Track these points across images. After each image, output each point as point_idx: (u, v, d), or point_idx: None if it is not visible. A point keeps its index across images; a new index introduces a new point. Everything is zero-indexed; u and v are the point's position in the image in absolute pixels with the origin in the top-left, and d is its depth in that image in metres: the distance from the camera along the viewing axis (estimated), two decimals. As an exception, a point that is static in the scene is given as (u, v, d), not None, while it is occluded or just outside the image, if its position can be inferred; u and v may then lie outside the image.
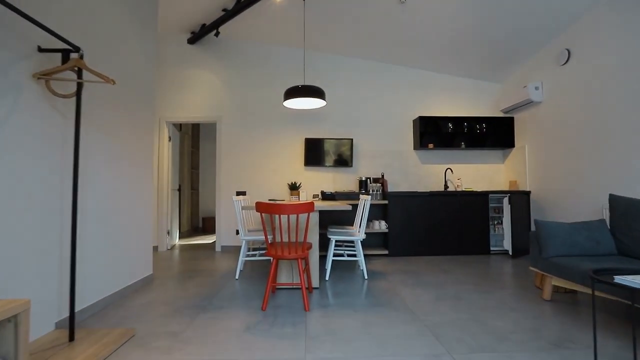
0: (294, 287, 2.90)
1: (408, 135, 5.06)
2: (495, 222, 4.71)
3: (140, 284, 2.94)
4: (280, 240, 2.94)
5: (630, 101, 3.10)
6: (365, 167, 4.99)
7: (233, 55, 4.93)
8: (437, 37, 4.22)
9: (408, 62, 4.94)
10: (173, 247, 5.11)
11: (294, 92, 3.42)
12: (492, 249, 4.50)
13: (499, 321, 2.16)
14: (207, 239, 5.94)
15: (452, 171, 4.91)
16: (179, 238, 6.00)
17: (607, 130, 3.35)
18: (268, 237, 3.30)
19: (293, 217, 2.95)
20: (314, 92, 3.40)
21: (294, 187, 4.70)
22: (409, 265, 3.82)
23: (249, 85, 4.92)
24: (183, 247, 5.08)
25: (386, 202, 4.46)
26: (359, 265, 3.81)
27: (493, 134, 4.95)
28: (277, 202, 3.77)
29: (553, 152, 4.08)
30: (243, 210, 3.58)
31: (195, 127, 7.25)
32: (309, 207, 2.36)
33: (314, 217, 2.95)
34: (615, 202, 2.60)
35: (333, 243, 3.28)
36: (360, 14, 3.95)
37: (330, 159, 4.83)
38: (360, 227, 3.44)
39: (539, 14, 3.64)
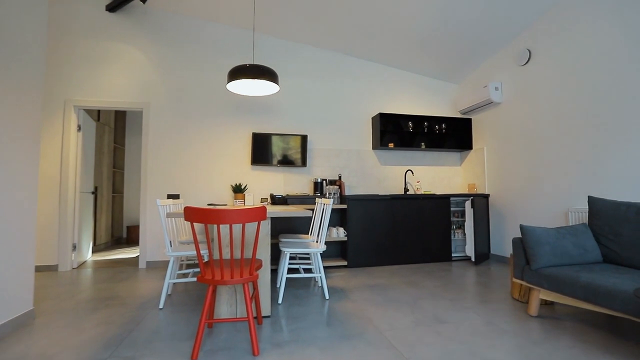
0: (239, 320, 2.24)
1: (367, 134, 4.68)
2: (455, 227, 4.52)
3: (9, 327, 2.03)
4: (219, 259, 2.26)
5: (592, 102, 3.03)
6: (320, 167, 4.48)
7: (166, 30, 4.09)
8: (399, 32, 3.90)
9: (369, 55, 4.57)
10: (82, 265, 4.05)
11: (240, 72, 2.77)
12: (453, 255, 4.28)
13: (497, 351, 1.76)
14: (130, 253, 4.91)
15: (412, 173, 4.63)
16: (93, 253, 4.87)
17: (568, 132, 3.26)
18: (202, 254, 2.58)
19: (238, 227, 2.30)
20: (265, 72, 2.79)
21: (238, 190, 4.00)
22: (373, 278, 3.37)
23: (186, 68, 4.12)
24: (97, 265, 4.04)
25: (345, 206, 3.99)
26: (316, 282, 3.25)
27: (452, 135, 4.79)
28: (218, 207, 3.06)
29: (513, 154, 3.98)
30: (170, 219, 2.81)
31: (120, 118, 6.11)
32: (259, 213, 1.74)
33: (265, 227, 2.32)
34: (596, 205, 2.41)
35: (287, 257, 2.68)
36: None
37: (281, 158, 4.22)
38: (319, 237, 2.89)
39: (500, 12, 3.49)
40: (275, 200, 4.00)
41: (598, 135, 2.98)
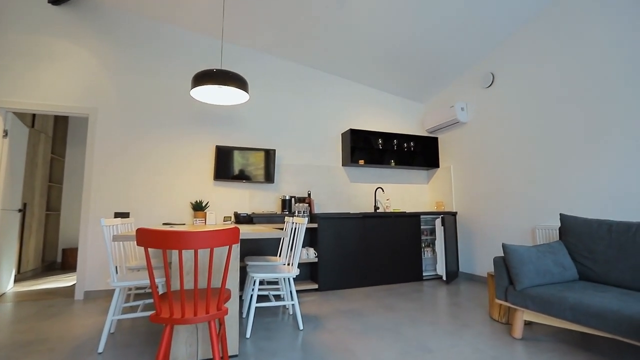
0: None
1: (337, 150, 4.56)
2: (424, 245, 4.48)
3: None
4: (180, 289, 1.91)
5: (552, 124, 3.18)
6: (288, 184, 4.25)
7: (121, 30, 3.70)
8: (370, 50, 3.90)
9: (339, 71, 4.51)
10: (0, 297, 3.36)
11: (206, 77, 2.51)
12: (424, 274, 4.21)
13: (494, 385, 1.61)
14: (65, 281, 4.22)
15: (383, 190, 4.56)
16: (15, 282, 4.11)
17: (532, 152, 3.39)
18: (157, 286, 2.20)
19: (203, 252, 1.98)
20: (234, 79, 2.56)
21: (199, 207, 3.63)
22: (347, 302, 3.15)
23: (143, 72, 3.73)
24: (20, 297, 3.37)
25: (315, 225, 3.77)
26: (287, 309, 2.95)
27: (420, 153, 4.84)
28: (175, 227, 2.69)
29: (479, 172, 4.07)
30: (117, 242, 2.39)
31: (61, 126, 5.42)
32: (231, 236, 1.47)
33: (235, 250, 2.03)
34: (568, 222, 2.45)
35: (257, 284, 2.38)
36: (292, 9, 3.32)
37: (247, 173, 3.93)
38: (291, 259, 2.63)
39: (466, 37, 3.63)
40: (240, 219, 3.68)
41: (560, 154, 3.12)
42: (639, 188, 2.50)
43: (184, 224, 3.49)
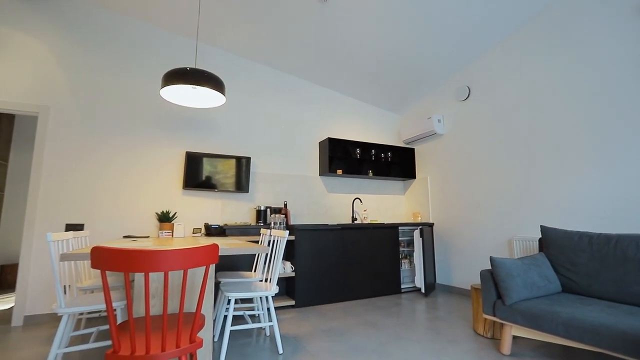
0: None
1: (314, 159, 4.42)
2: (401, 257, 4.43)
3: None
4: (145, 316, 1.66)
5: (526, 137, 3.27)
6: (263, 193, 4.04)
7: (82, 23, 3.36)
8: (349, 59, 3.84)
9: (318, 79, 4.42)
10: None
11: (178, 76, 2.29)
12: (402, 286, 4.13)
13: (494, 410, 1.51)
14: (2, 302, 3.67)
15: (361, 201, 4.47)
16: (-61, 306, 3.51)
17: (507, 164, 3.46)
18: (114, 314, 1.91)
19: (175, 274, 1.73)
20: (210, 79, 2.36)
21: (165, 218, 3.32)
22: (326, 320, 2.97)
23: (106, 71, 3.40)
24: (-61, 326, 2.85)
25: (292, 237, 3.59)
26: (264, 330, 2.72)
27: (397, 163, 4.83)
28: (138, 240, 2.39)
29: (456, 184, 4.11)
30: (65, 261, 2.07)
31: (5, 125, 4.82)
32: (209, 254, 1.26)
33: (211, 270, 1.80)
34: (549, 234, 2.46)
35: (232, 304, 2.14)
36: (272, 13, 3.19)
37: (219, 182, 3.67)
38: (270, 275, 2.42)
39: (443, 51, 3.69)
40: (211, 230, 3.40)
41: (535, 166, 3.19)
42: (614, 201, 2.59)
43: (148, 237, 3.16)
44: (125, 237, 3.14)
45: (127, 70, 3.49)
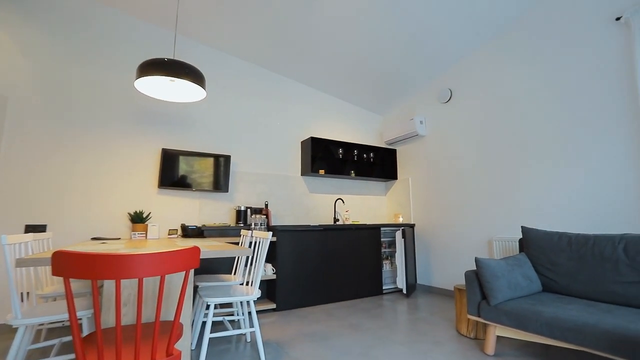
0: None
1: (296, 159, 4.34)
2: (383, 258, 4.42)
3: None
4: (116, 327, 1.52)
5: (507, 140, 3.34)
6: (244, 193, 3.90)
7: (47, 8, 3.10)
8: (333, 59, 3.79)
9: (301, 77, 4.33)
10: None
11: (155, 67, 2.15)
12: (383, 287, 4.12)
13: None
14: (-51, 313, 3.31)
15: (343, 202, 4.43)
16: None
17: (487, 165, 3.53)
18: (78, 324, 1.75)
19: (150, 280, 1.59)
20: (190, 72, 2.23)
21: (138, 219, 3.12)
22: (309, 323, 2.89)
23: (74, 61, 3.15)
24: None
25: (274, 239, 3.48)
26: (245, 337, 2.60)
27: (379, 164, 4.83)
28: (108, 242, 2.22)
29: (437, 185, 4.15)
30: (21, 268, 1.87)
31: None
32: (189, 258, 1.16)
33: (191, 274, 1.68)
34: (529, 234, 2.51)
35: (212, 310, 2.02)
36: (255, 5, 3.08)
37: (197, 181, 3.51)
38: (252, 278, 2.32)
39: (426, 52, 3.71)
40: (189, 231, 3.24)
41: (515, 168, 3.26)
42: (588, 202, 2.67)
43: (119, 239, 2.96)
44: (93, 239, 2.92)
45: (98, 61, 3.26)
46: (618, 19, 2.59)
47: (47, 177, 2.95)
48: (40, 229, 2.88)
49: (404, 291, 3.84)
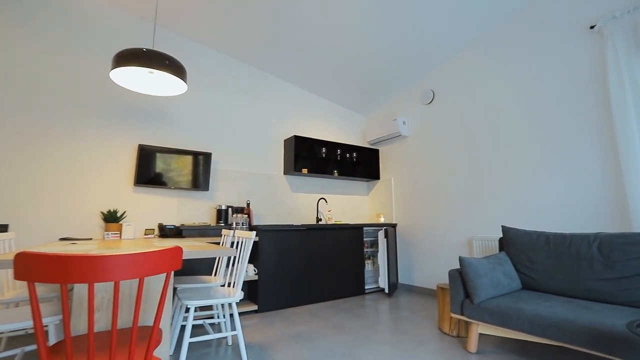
0: None
1: (278, 157, 4.27)
2: (365, 257, 4.43)
3: None
4: (88, 333, 1.41)
5: (488, 142, 3.42)
6: (225, 192, 3.80)
7: (8, -9, 2.88)
8: (317, 57, 3.75)
9: (285, 74, 4.26)
10: None
11: (133, 58, 2.03)
12: (366, 287, 4.12)
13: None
14: None
15: (326, 201, 4.40)
16: None
17: (468, 166, 3.60)
18: (45, 329, 1.62)
19: (126, 282, 1.49)
20: (171, 64, 2.13)
21: (112, 218, 2.96)
22: (292, 325, 2.83)
23: (44, 50, 2.94)
24: None
25: (256, 238, 3.40)
26: (226, 340, 2.51)
27: (362, 164, 4.83)
28: (78, 243, 2.08)
29: (419, 185, 4.20)
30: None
31: None
32: (171, 259, 1.08)
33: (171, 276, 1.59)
34: (509, 234, 2.57)
35: (192, 314, 1.93)
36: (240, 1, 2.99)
37: (176, 179, 3.38)
38: (236, 279, 2.24)
39: (409, 54, 3.74)
40: (166, 231, 3.11)
41: (496, 169, 3.34)
42: (564, 202, 2.77)
43: (91, 239, 2.79)
44: (62, 239, 2.74)
45: (70, 50, 3.06)
46: (592, 27, 2.69)
47: (13, 175, 2.74)
48: (2, 229, 2.67)
49: (386, 291, 3.85)
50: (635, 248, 2.00)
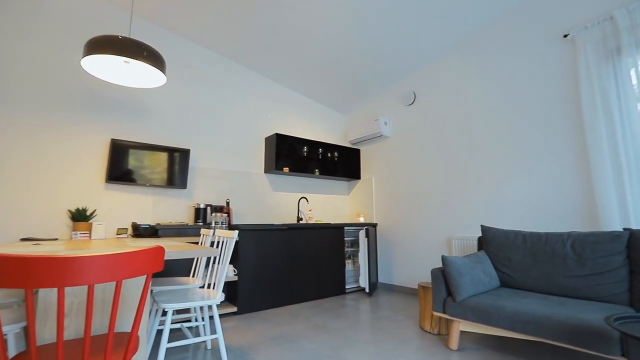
0: None
1: (259, 155, 4.18)
2: (345, 257, 4.42)
3: None
4: (57, 344, 1.30)
5: (467, 143, 3.51)
6: (203, 190, 3.67)
7: (-37, -32, 2.63)
8: (300, 55, 3.70)
9: (268, 71, 4.18)
10: None
11: (108, 45, 1.90)
12: (346, 286, 4.12)
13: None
14: None
15: (307, 201, 4.35)
16: None
17: (447, 166, 3.67)
18: (5, 337, 1.48)
19: (99, 285, 1.38)
20: (150, 54, 2.01)
21: (81, 217, 2.78)
22: (274, 326, 2.77)
23: (10, 36, 2.72)
24: None
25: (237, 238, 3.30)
26: (205, 344, 2.41)
27: (343, 164, 4.83)
28: (42, 245, 1.92)
29: (399, 185, 4.24)
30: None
31: None
32: (152, 259, 1.01)
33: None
34: (489, 233, 2.63)
35: (169, 318, 1.83)
36: (221, -19, 2.89)
37: (151, 176, 3.22)
38: (217, 280, 2.15)
39: (391, 57, 3.78)
40: (141, 231, 2.96)
41: (475, 170, 3.43)
42: (537, 202, 2.88)
43: (57, 239, 2.60)
44: (23, 239, 2.54)
45: (38, 36, 2.84)
46: (566, 36, 2.82)
47: (-35, 167, 2.50)
48: (-46, 228, 2.43)
49: (367, 290, 3.86)
50: (605, 246, 2.10)
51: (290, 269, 3.58)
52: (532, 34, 3.06)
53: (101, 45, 1.89)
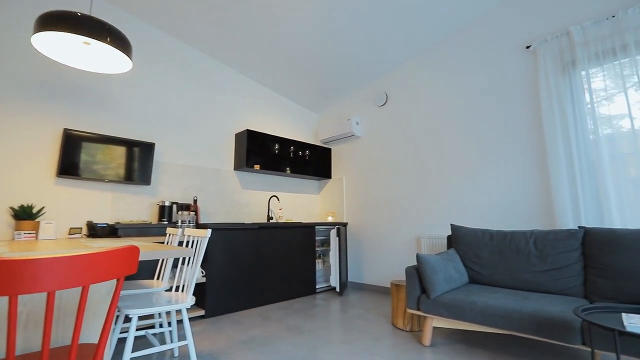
0: None
1: (229, 152, 4.02)
2: (315, 256, 4.39)
3: None
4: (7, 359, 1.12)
5: (437, 144, 3.63)
6: (169, 187, 3.46)
7: None
8: (272, 50, 3.62)
9: (240, 67, 4.03)
10: None
11: (63, 22, 1.70)
12: (317, 286, 4.09)
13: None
14: None
15: (278, 199, 4.26)
16: None
17: (417, 167, 3.78)
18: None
19: (63, 293, 1.21)
20: (114, 35, 1.83)
21: (26, 215, 2.49)
22: (245, 329, 2.67)
23: None
24: None
25: (204, 237, 3.14)
26: (172, 351, 2.25)
27: (314, 162, 4.80)
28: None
29: (369, 185, 4.29)
30: None
31: None
32: (125, 261, 0.90)
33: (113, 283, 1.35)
34: (458, 231, 2.73)
35: (134, 325, 1.68)
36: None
37: (110, 170, 2.97)
38: (187, 282, 2.02)
39: (364, 57, 3.82)
40: (97, 230, 2.71)
41: (443, 170, 3.55)
42: (505, 201, 3.05)
43: (-4, 241, 2.30)
44: (-46, 240, 2.21)
45: (-31, 8, 2.49)
46: (528, 47, 3.00)
47: None
48: None
49: (338, 289, 3.86)
50: (563, 243, 2.25)
51: (260, 269, 3.47)
52: (496, 44, 3.23)
53: (56, 20, 1.68)
